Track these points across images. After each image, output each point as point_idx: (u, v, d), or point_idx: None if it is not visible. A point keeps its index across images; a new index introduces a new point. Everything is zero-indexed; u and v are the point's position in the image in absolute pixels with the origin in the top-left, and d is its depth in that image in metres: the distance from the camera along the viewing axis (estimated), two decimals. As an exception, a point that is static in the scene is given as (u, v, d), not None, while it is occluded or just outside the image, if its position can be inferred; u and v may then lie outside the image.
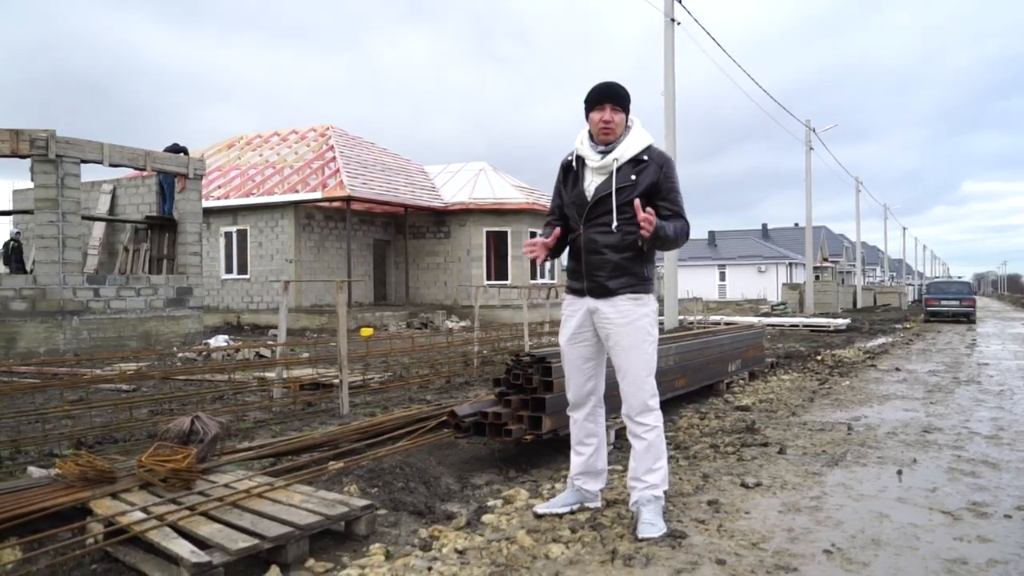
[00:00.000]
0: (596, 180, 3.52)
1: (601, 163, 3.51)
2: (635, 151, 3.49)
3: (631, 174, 3.45)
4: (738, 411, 7.05)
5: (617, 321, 3.46)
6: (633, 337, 3.44)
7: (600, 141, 3.55)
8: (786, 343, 15.73)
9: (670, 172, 3.48)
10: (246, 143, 28.87)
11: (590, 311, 3.56)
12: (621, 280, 3.47)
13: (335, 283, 6.49)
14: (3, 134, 13.42)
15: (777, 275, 57.53)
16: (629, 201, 3.42)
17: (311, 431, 5.71)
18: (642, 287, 3.48)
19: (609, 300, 3.49)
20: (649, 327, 3.48)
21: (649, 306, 3.50)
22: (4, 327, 13.38)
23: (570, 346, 3.65)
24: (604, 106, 3.50)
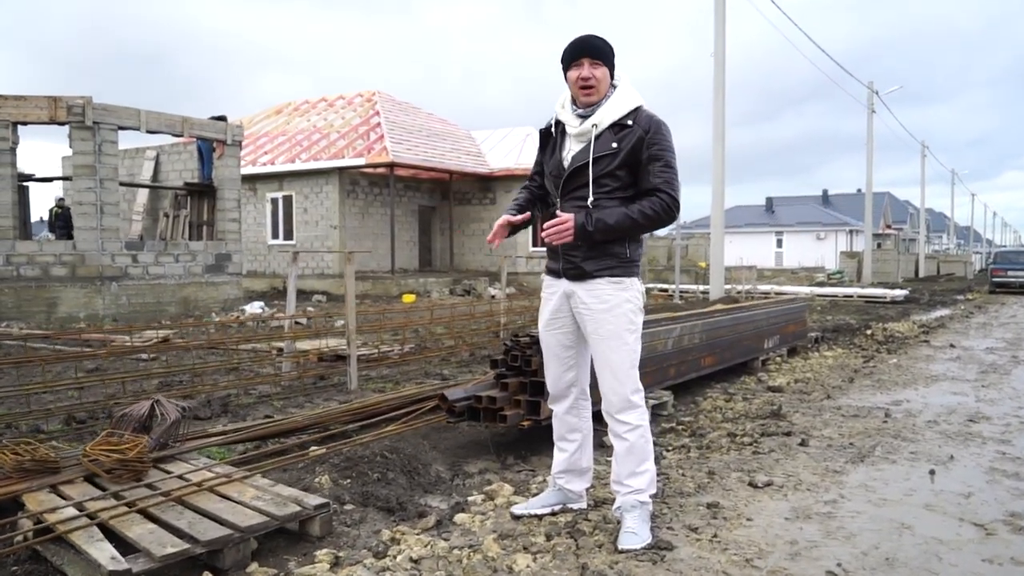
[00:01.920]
0: (575, 148, 3.11)
1: (580, 129, 3.10)
2: (618, 114, 3.05)
3: (612, 141, 3.02)
4: (769, 392, 6.61)
5: (595, 307, 3.08)
6: (612, 325, 3.05)
7: (582, 103, 3.13)
8: (836, 315, 15.06)
9: (657, 138, 3.01)
10: (294, 109, 28.83)
11: (566, 295, 3.19)
12: (599, 262, 3.07)
13: (378, 250, 6.20)
14: (41, 101, 13.45)
15: (836, 242, 55.86)
16: (610, 172, 3.02)
17: (298, 412, 5.48)
18: (623, 270, 3.08)
19: (586, 283, 3.11)
20: (631, 314, 3.08)
21: (631, 291, 3.09)
22: (45, 292, 13.53)
23: (548, 332, 3.29)
24: (582, 61, 3.08)
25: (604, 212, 2.98)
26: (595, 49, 3.08)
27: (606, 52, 3.10)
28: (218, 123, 15.99)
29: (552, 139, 3.23)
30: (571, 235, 2.98)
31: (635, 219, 2.97)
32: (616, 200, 3.02)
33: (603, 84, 3.10)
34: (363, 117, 25.37)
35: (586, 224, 2.97)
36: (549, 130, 3.25)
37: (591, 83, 3.08)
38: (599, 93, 3.10)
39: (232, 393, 6.11)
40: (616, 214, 2.97)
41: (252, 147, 25.98)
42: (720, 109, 17.03)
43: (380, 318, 8.94)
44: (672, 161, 3.04)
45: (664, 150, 3.02)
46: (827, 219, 59.08)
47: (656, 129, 3.03)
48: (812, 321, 12.82)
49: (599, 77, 3.08)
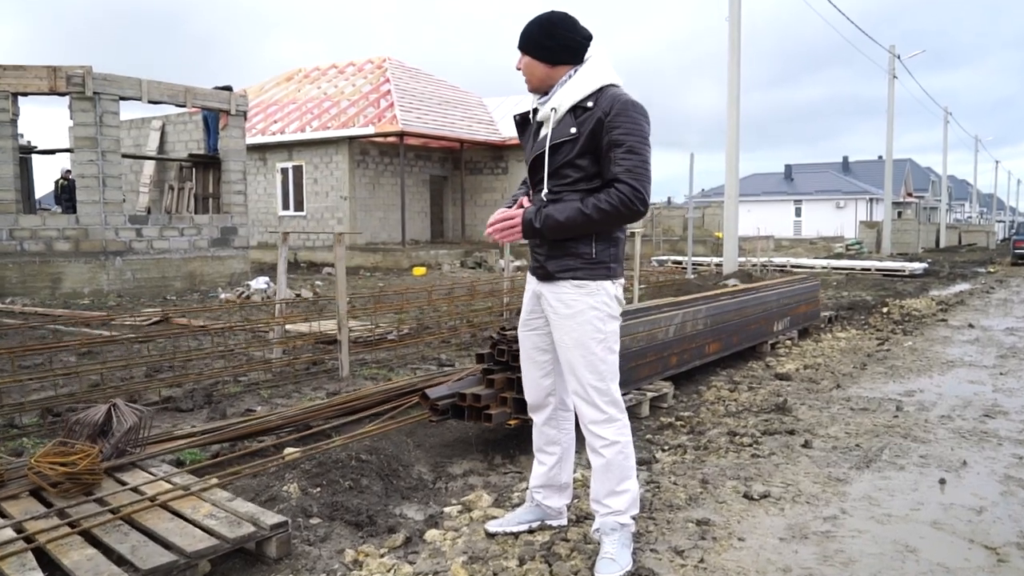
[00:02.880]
0: (543, 134, 2.86)
1: (542, 113, 2.85)
2: (578, 95, 2.74)
3: (571, 126, 2.73)
4: (777, 380, 6.36)
5: (560, 311, 2.81)
6: (577, 334, 2.78)
7: (528, 91, 2.91)
8: (852, 290, 14.71)
9: (619, 120, 2.66)
10: (304, 76, 28.48)
11: (536, 295, 2.95)
12: (561, 262, 2.80)
13: (388, 221, 5.93)
14: (40, 71, 13.23)
15: (856, 211, 55.03)
16: (569, 161, 2.74)
17: (280, 407, 5.30)
18: (588, 272, 2.78)
19: (550, 285, 2.84)
20: (597, 322, 2.79)
21: (598, 296, 2.79)
22: (49, 267, 13.42)
23: (523, 333, 3.05)
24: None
25: (556, 207, 2.70)
26: (522, 39, 2.84)
27: (525, 38, 2.83)
28: (222, 93, 15.71)
29: (531, 126, 2.97)
30: (518, 232, 2.72)
31: (588, 215, 2.66)
32: (580, 193, 2.73)
33: (529, 75, 2.85)
34: (374, 84, 25.01)
35: (533, 220, 2.71)
36: (526, 116, 2.99)
37: (525, 77, 2.86)
38: (530, 84, 2.86)
39: (220, 381, 5.92)
40: (568, 209, 2.68)
41: (262, 115, 25.72)
42: (735, 75, 16.55)
43: (376, 300, 8.70)
44: (638, 146, 2.67)
45: (627, 134, 2.66)
46: (847, 187, 58.16)
47: (619, 109, 2.68)
48: (826, 298, 12.51)
49: (530, 70, 2.84)
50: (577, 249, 2.77)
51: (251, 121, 25.15)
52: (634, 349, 5.14)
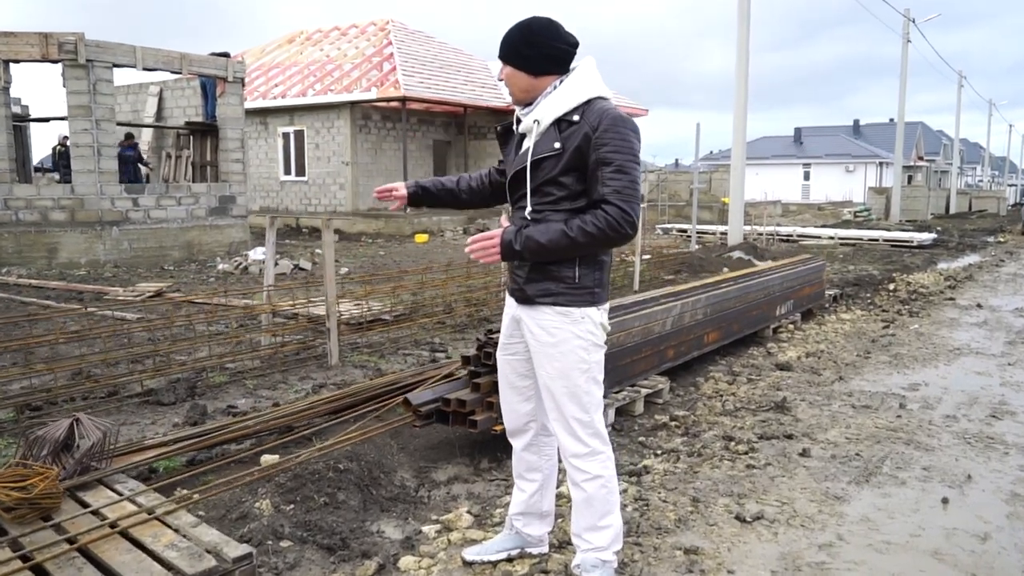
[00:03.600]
0: (525, 147, 2.65)
1: (524, 125, 2.64)
2: (563, 108, 2.53)
3: (555, 140, 2.53)
4: (777, 370, 6.18)
5: (541, 339, 2.63)
6: (559, 364, 2.60)
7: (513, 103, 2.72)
8: (859, 264, 14.48)
9: (608, 136, 2.46)
10: (306, 38, 28.04)
11: (515, 319, 2.77)
12: (541, 286, 2.60)
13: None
14: (32, 38, 12.95)
15: (866, 175, 54.43)
16: (553, 179, 2.54)
17: (263, 406, 5.15)
18: (571, 297, 2.58)
19: (530, 310, 2.66)
20: (581, 351, 2.61)
21: (583, 324, 2.60)
22: (45, 237, 13.27)
23: (502, 356, 2.87)
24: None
25: (537, 228, 2.50)
26: (500, 47, 2.63)
27: (505, 48, 2.61)
28: (219, 59, 15.41)
29: (514, 137, 2.77)
30: (497, 254, 2.53)
31: (573, 238, 2.45)
32: (563, 213, 2.54)
33: (512, 86, 2.64)
34: (376, 47, 24.59)
35: (513, 242, 2.51)
36: (509, 126, 2.78)
37: (508, 87, 2.66)
38: (514, 96, 2.66)
39: (205, 370, 5.78)
40: (551, 231, 2.48)
41: (263, 78, 25.37)
42: (744, 38, 16.13)
43: (367, 284, 8.51)
44: (627, 165, 2.47)
45: (616, 151, 2.46)
46: (857, 151, 57.45)
47: (608, 125, 2.47)
48: (832, 272, 12.30)
49: (512, 81, 2.63)
50: (559, 272, 2.58)
51: (252, 84, 24.81)
52: (629, 345, 4.97)
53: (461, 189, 3.00)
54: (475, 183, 3.00)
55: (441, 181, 3.02)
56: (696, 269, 12.76)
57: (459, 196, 3.01)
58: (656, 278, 11.65)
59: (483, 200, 3.02)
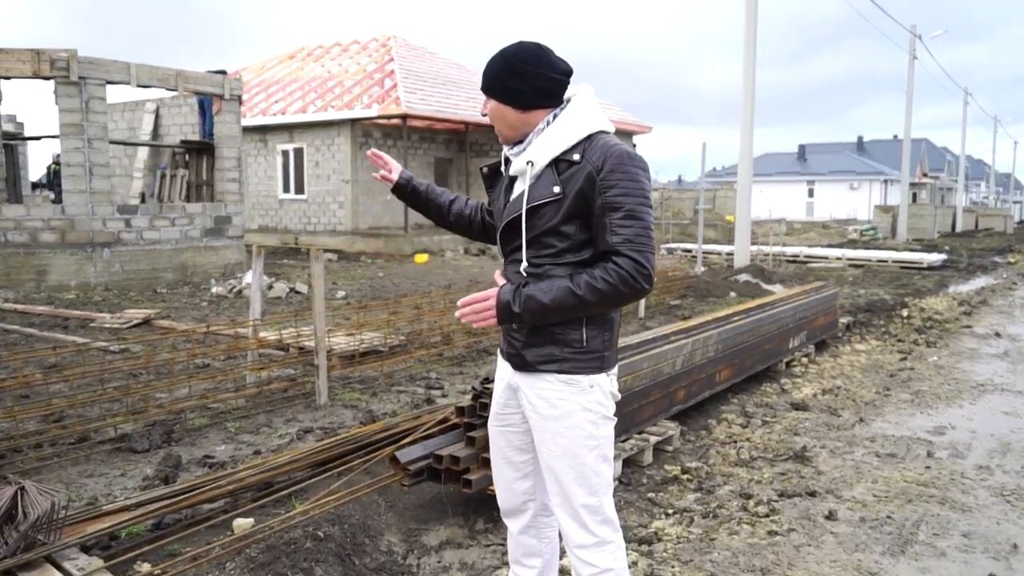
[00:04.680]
0: (518, 192, 2.31)
1: (515, 167, 2.30)
2: (561, 146, 2.20)
3: (554, 184, 2.20)
4: (793, 410, 5.82)
5: (543, 412, 2.28)
6: (563, 440, 2.26)
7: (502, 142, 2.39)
8: (869, 288, 14.12)
9: (615, 178, 2.13)
10: (308, 54, 27.85)
11: (511, 387, 2.41)
12: (542, 351, 2.26)
13: (392, 205, 5.27)
14: (23, 55, 12.67)
15: (870, 193, 54.12)
16: (553, 228, 2.20)
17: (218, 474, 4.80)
18: (577, 363, 2.24)
19: (529, 378, 2.31)
20: (589, 426, 2.26)
21: (591, 394, 2.25)
22: (34, 259, 12.95)
23: (495, 428, 2.51)
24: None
25: (539, 287, 2.16)
26: (483, 79, 2.31)
27: (487, 80, 2.29)
28: (215, 76, 15.14)
29: (501, 180, 2.43)
30: (492, 318, 2.19)
31: (581, 296, 2.12)
32: (567, 266, 2.20)
33: (498, 122, 2.31)
34: (378, 63, 24.38)
35: (511, 303, 2.16)
36: (497, 167, 2.45)
37: (493, 124, 2.33)
38: (502, 134, 2.33)
39: (184, 412, 5.42)
40: (554, 289, 2.14)
41: (264, 95, 25.15)
42: (750, 58, 15.86)
43: (360, 315, 8.16)
44: (639, 209, 2.13)
45: (625, 194, 2.13)
46: (861, 168, 57.18)
47: (614, 164, 2.14)
48: (843, 297, 11.94)
49: (497, 115, 2.31)
50: (564, 334, 2.23)
51: (252, 101, 24.60)
52: (636, 388, 4.62)
53: (451, 210, 2.66)
54: (467, 211, 2.67)
55: (435, 190, 2.68)
56: (702, 293, 12.43)
57: (444, 214, 2.67)
58: (662, 303, 11.31)
59: (466, 230, 2.69)
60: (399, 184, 2.64)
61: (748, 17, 15.77)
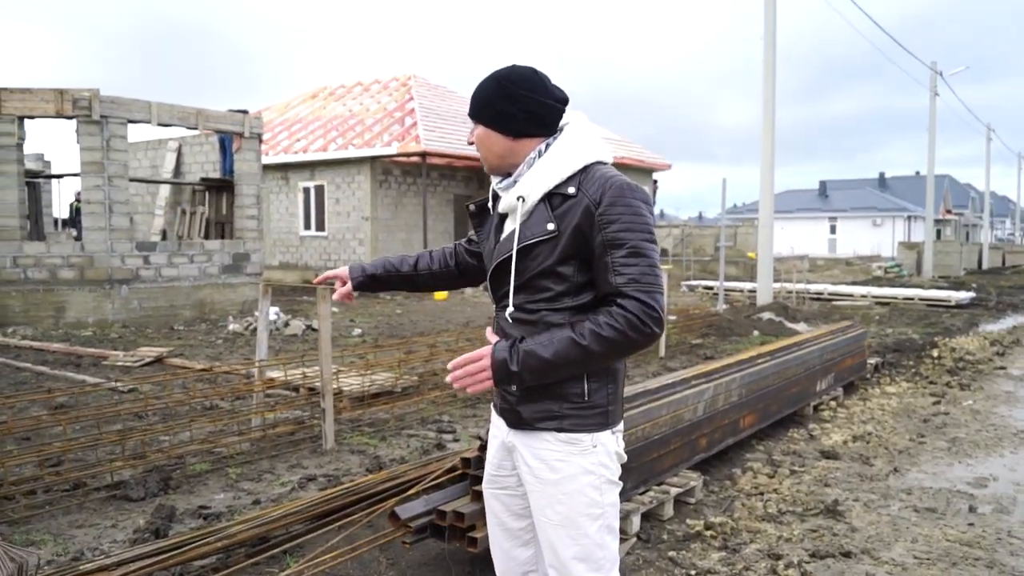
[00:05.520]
0: (507, 230, 2.11)
1: (504, 204, 2.11)
2: (554, 180, 2.01)
3: (547, 221, 2.00)
4: (823, 458, 5.53)
5: (541, 475, 2.06)
6: (564, 508, 2.03)
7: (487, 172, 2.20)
8: (896, 327, 13.75)
9: (615, 212, 1.94)
10: (329, 93, 28.12)
11: (506, 447, 2.19)
12: (540, 406, 2.03)
13: (411, 242, 5.02)
14: (47, 94, 12.79)
15: (894, 229, 53.60)
16: (548, 269, 1.99)
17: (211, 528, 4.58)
18: (579, 420, 2.02)
19: (525, 436, 2.08)
20: (592, 491, 2.03)
21: (594, 455, 2.03)
22: (53, 296, 12.93)
23: (489, 492, 2.28)
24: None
25: (538, 341, 1.93)
26: (472, 103, 2.14)
27: (477, 103, 2.11)
28: (236, 115, 15.21)
29: (490, 218, 2.23)
30: (488, 380, 1.96)
31: (586, 347, 1.90)
32: (565, 311, 2.00)
33: (484, 150, 2.12)
34: (398, 102, 24.53)
35: (508, 361, 1.93)
36: (484, 205, 2.26)
37: (480, 151, 2.14)
38: (487, 162, 2.14)
39: (184, 457, 5.23)
40: (556, 341, 1.91)
41: (286, 133, 25.35)
42: (769, 97, 15.71)
43: (370, 356, 7.96)
44: (643, 245, 1.94)
45: (627, 229, 1.94)
46: (884, 204, 56.72)
47: (613, 197, 1.95)
48: (870, 336, 11.60)
49: (477, 143, 2.13)
50: (563, 388, 2.01)
51: (275, 139, 24.81)
52: (656, 437, 4.37)
53: (419, 273, 2.48)
54: (437, 265, 2.48)
55: (395, 265, 2.50)
56: (725, 332, 12.13)
57: (415, 281, 2.50)
58: (683, 342, 11.03)
59: (448, 284, 2.52)
60: (359, 283, 2.48)
61: (767, 54, 15.66)
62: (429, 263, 2.48)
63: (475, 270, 2.43)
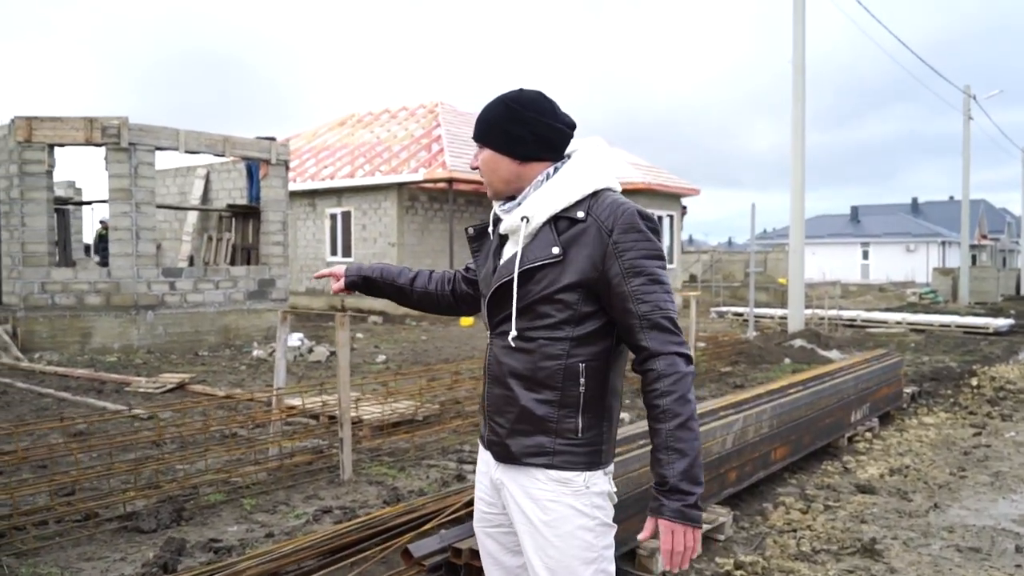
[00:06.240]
0: (509, 254, 2.01)
1: (507, 224, 2.00)
2: (561, 203, 1.92)
3: (553, 245, 1.90)
4: (858, 492, 5.30)
5: (531, 516, 1.93)
6: (555, 552, 1.89)
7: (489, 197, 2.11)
8: (933, 354, 13.38)
9: (631, 240, 1.87)
10: (357, 120, 28.36)
11: (495, 484, 2.06)
12: (530, 440, 1.92)
13: (438, 268, 4.87)
14: (77, 122, 12.94)
15: (928, 255, 52.74)
16: (550, 296, 1.89)
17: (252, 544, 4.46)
18: (571, 457, 1.91)
19: (515, 472, 1.96)
20: (585, 534, 1.90)
21: (587, 495, 1.92)
22: (79, 322, 12.99)
23: (482, 531, 2.16)
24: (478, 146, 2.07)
25: (670, 459, 1.81)
26: (476, 125, 2.05)
27: (485, 126, 2.02)
28: (262, 142, 15.31)
29: (489, 242, 2.14)
30: (696, 537, 1.82)
31: (691, 417, 1.84)
32: (564, 342, 1.90)
33: (489, 174, 2.03)
34: (425, 129, 24.65)
35: (689, 505, 1.81)
36: (485, 230, 2.16)
37: (483, 177, 2.05)
38: (492, 187, 2.05)
39: (198, 488, 5.12)
40: (680, 443, 1.82)
41: (314, 160, 25.56)
42: (799, 119, 15.51)
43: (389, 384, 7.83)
44: (660, 273, 1.89)
45: (645, 256, 1.87)
46: (918, 229, 55.88)
47: (627, 224, 1.88)
48: (906, 363, 11.29)
49: (481, 166, 2.04)
50: (557, 422, 1.90)
51: (303, 166, 25.03)
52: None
53: (414, 289, 2.40)
54: (433, 287, 2.40)
55: (392, 273, 2.41)
56: (755, 359, 11.87)
57: (408, 295, 2.41)
58: (712, 370, 10.79)
59: (437, 308, 2.43)
60: (350, 282, 2.40)
61: (796, 78, 15.49)
62: (426, 283, 2.40)
63: (470, 299, 2.36)
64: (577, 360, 1.90)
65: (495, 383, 2.00)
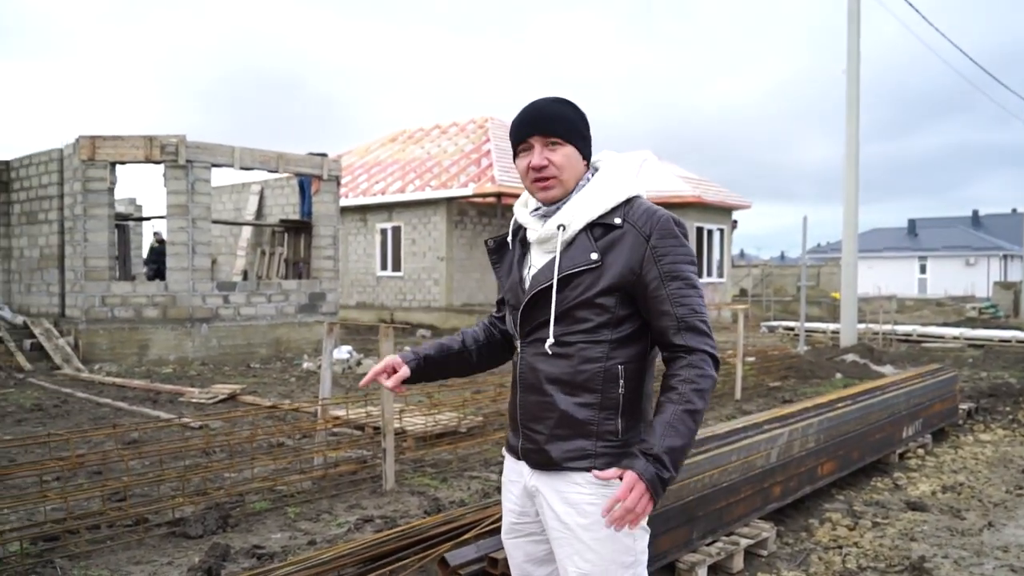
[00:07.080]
0: (539, 262, 2.02)
1: (542, 233, 2.01)
2: (599, 209, 1.94)
3: (591, 251, 1.92)
4: (908, 509, 5.17)
5: (570, 521, 1.93)
6: (594, 558, 1.90)
7: (541, 199, 2.05)
8: (991, 370, 12.98)
9: (668, 245, 1.91)
10: (408, 136, 28.71)
11: (529, 492, 2.06)
12: (572, 445, 1.93)
13: (486, 282, 4.99)
14: (137, 141, 13.36)
15: (988, 269, 51.20)
16: (588, 300, 1.91)
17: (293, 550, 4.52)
18: (613, 460, 1.91)
19: (553, 478, 1.97)
20: (626, 538, 1.91)
21: None
22: (137, 334, 13.36)
23: (511, 541, 2.16)
24: (531, 143, 2.01)
25: (663, 433, 1.82)
26: (548, 121, 1.98)
27: (568, 123, 1.99)
28: (314, 158, 15.60)
29: (510, 253, 2.14)
30: (649, 503, 1.78)
31: (701, 409, 1.86)
32: (603, 344, 1.92)
33: (568, 171, 1.99)
34: (475, 144, 24.86)
35: (660, 472, 1.79)
36: (505, 240, 2.17)
37: (548, 173, 1.98)
38: (563, 185, 2.00)
39: (244, 496, 5.21)
40: (679, 423, 1.83)
41: (365, 176, 25.94)
42: (853, 132, 15.26)
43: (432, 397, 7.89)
44: (694, 278, 1.93)
45: (681, 261, 1.91)
46: (977, 243, 54.30)
47: (664, 231, 1.92)
48: (962, 381, 10.98)
49: (559, 163, 1.98)
50: (598, 424, 1.92)
51: (355, 182, 25.41)
52: (724, 484, 4.14)
53: (468, 348, 2.27)
54: (483, 336, 2.31)
55: (445, 345, 2.26)
56: (805, 375, 11.67)
57: (470, 358, 2.28)
58: (760, 384, 10.64)
59: (493, 356, 2.32)
60: (415, 367, 2.18)
61: (850, 89, 15.25)
62: (476, 336, 2.30)
63: (510, 337, 2.26)
64: (616, 362, 1.93)
65: (530, 391, 2.01)
